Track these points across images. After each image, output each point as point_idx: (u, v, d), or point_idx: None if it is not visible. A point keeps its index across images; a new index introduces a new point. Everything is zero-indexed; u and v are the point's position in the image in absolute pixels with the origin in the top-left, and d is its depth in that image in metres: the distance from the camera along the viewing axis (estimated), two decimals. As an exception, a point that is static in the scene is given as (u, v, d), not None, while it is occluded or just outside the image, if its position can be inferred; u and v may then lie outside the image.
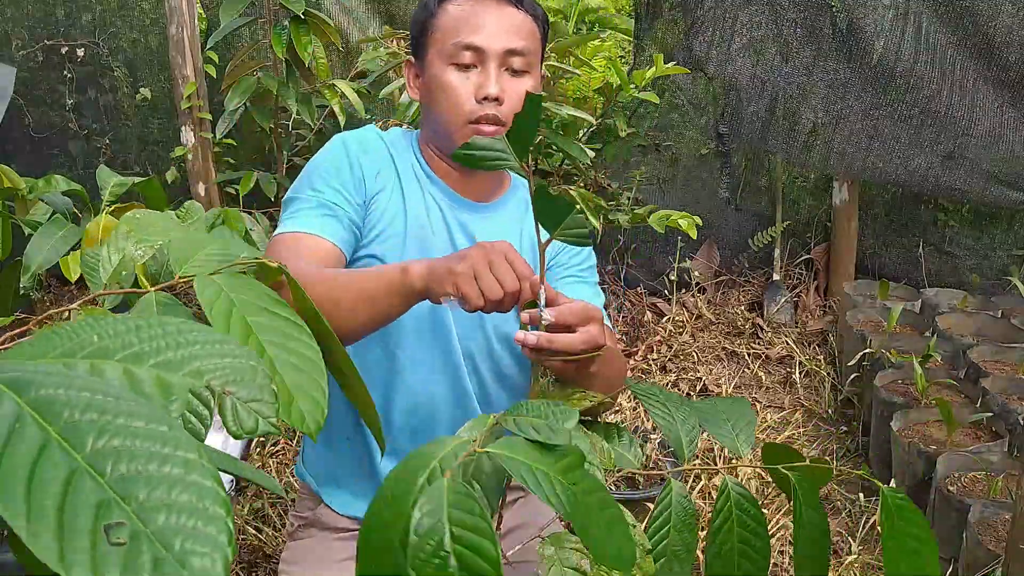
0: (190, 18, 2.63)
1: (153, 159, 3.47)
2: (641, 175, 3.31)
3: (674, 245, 3.44)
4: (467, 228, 1.25)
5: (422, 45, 1.23)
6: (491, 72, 1.17)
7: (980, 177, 2.99)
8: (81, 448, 0.36)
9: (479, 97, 1.17)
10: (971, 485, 2.11)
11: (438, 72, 1.19)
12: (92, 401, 0.39)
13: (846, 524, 2.28)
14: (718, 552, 0.78)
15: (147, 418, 0.39)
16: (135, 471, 0.36)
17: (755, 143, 3.29)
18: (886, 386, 2.55)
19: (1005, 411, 2.30)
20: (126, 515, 0.35)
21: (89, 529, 0.33)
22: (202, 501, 0.37)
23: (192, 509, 0.36)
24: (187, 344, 0.49)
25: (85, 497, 0.34)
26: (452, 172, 1.26)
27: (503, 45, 1.17)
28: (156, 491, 0.36)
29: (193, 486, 0.37)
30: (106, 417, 0.38)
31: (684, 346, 3.20)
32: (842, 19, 3.00)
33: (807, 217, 3.59)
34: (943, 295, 3.13)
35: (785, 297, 3.41)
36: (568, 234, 0.78)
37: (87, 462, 0.36)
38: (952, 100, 2.93)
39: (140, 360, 0.47)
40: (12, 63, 3.34)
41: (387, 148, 1.26)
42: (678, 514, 0.79)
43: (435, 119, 1.22)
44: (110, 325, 0.49)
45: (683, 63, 2.99)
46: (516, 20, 1.20)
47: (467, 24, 1.18)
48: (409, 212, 1.22)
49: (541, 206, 0.75)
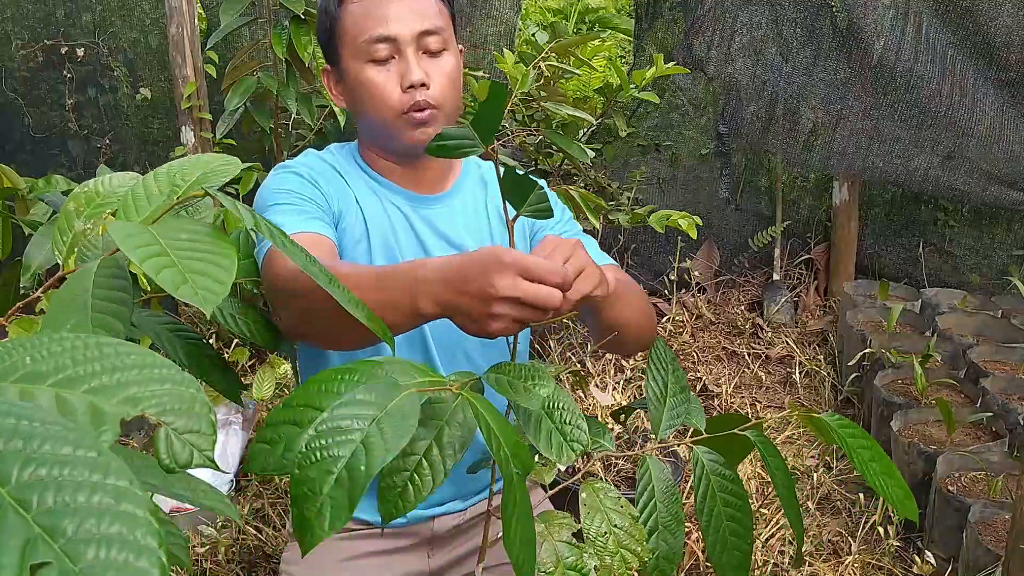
0: (190, 18, 2.63)
1: (153, 159, 3.47)
2: (641, 175, 3.31)
3: (674, 245, 3.43)
4: (432, 223, 1.25)
5: (333, 50, 1.21)
6: (410, 58, 1.16)
7: (980, 177, 2.99)
8: (6, 481, 0.34)
9: (404, 86, 1.15)
10: (971, 485, 2.11)
11: (357, 72, 1.18)
12: (18, 428, 0.37)
13: (846, 524, 2.28)
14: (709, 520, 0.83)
15: (75, 444, 0.37)
16: (63, 503, 0.35)
17: (755, 143, 3.29)
18: (886, 386, 2.55)
19: (1005, 411, 2.30)
20: (53, 553, 0.33)
21: (15, 571, 0.32)
22: (133, 532, 0.35)
23: (123, 541, 0.34)
24: (124, 368, 0.47)
25: (11, 535, 0.33)
26: (398, 169, 1.25)
27: (414, 29, 1.16)
28: (85, 523, 0.34)
29: (123, 516, 0.35)
30: (32, 444, 0.36)
31: (684, 346, 3.20)
32: (842, 19, 3.00)
33: (807, 217, 3.59)
34: (943, 295, 3.13)
35: (785, 297, 3.41)
36: (533, 209, 0.80)
37: (13, 496, 0.34)
38: (952, 100, 2.93)
39: (73, 385, 0.45)
40: (12, 63, 3.34)
41: (334, 169, 1.24)
42: (660, 487, 0.84)
43: (368, 121, 1.21)
44: (44, 346, 0.46)
45: (683, 63, 2.99)
46: (418, 1, 1.18)
47: (372, 18, 1.16)
48: (372, 231, 1.21)
49: (508, 185, 0.78)
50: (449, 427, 0.69)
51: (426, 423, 0.69)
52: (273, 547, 2.12)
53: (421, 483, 0.67)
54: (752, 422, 0.87)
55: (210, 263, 0.58)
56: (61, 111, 3.42)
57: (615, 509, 0.78)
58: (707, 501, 0.83)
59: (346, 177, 1.24)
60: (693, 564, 2.08)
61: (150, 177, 0.73)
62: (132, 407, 0.45)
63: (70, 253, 0.71)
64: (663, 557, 0.80)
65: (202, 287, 0.56)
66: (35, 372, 0.45)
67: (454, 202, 1.28)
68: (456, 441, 0.69)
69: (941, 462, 2.09)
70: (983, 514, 1.92)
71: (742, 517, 0.83)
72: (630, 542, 0.77)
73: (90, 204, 0.74)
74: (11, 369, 0.45)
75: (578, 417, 0.74)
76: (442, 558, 1.32)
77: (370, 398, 0.61)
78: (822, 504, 2.40)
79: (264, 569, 2.08)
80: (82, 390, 0.45)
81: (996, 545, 1.83)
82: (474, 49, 3.21)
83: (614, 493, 0.80)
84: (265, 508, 2.26)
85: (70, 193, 0.75)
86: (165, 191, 0.70)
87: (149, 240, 0.59)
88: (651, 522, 0.81)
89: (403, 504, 0.67)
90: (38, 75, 3.38)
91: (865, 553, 2.12)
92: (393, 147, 1.22)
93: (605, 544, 0.76)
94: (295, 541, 1.35)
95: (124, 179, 0.77)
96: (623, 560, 0.76)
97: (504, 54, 2.51)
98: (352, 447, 0.58)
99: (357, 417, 0.60)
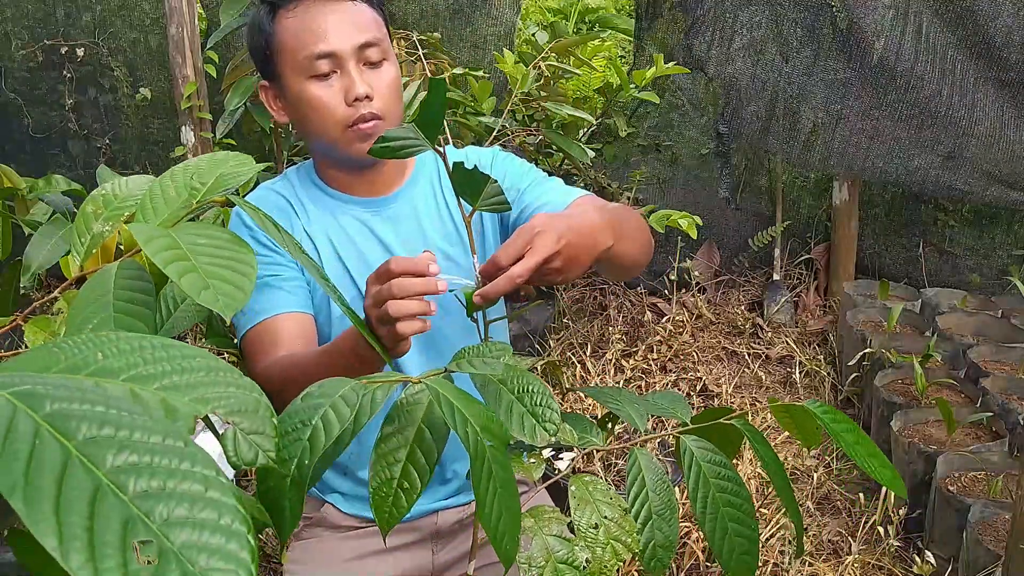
0: (190, 18, 2.63)
1: (153, 159, 3.47)
2: (641, 175, 3.31)
3: (674, 245, 3.43)
4: (395, 223, 1.26)
5: (271, 66, 1.21)
6: (351, 73, 1.16)
7: (981, 177, 2.99)
8: (102, 464, 0.36)
9: (349, 100, 1.16)
10: (971, 485, 2.11)
11: (299, 89, 1.18)
12: (107, 416, 0.38)
13: (846, 524, 2.28)
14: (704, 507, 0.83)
15: (163, 434, 0.39)
16: (156, 488, 0.36)
17: (755, 143, 3.29)
18: (886, 386, 2.55)
19: (1005, 411, 2.30)
20: (151, 532, 0.35)
21: (118, 547, 0.34)
22: (223, 518, 0.37)
23: (214, 526, 0.36)
24: (192, 370, 0.49)
25: (111, 515, 0.35)
26: (353, 179, 1.26)
27: (353, 42, 1.16)
28: (178, 508, 0.36)
29: (213, 503, 0.37)
30: (123, 432, 0.38)
31: (684, 346, 3.20)
32: (842, 19, 3.00)
33: (807, 217, 3.59)
34: (943, 295, 3.13)
35: (785, 297, 3.41)
36: (489, 203, 0.83)
37: (109, 479, 0.36)
38: (952, 100, 2.93)
39: (146, 382, 0.47)
40: (12, 63, 3.34)
41: (284, 199, 1.26)
42: (650, 477, 0.84)
43: (315, 136, 1.21)
44: (114, 343, 0.48)
45: (683, 63, 2.99)
46: (353, 13, 1.18)
47: (310, 32, 1.16)
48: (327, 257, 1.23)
49: (459, 180, 0.80)
50: (427, 429, 0.71)
51: (404, 429, 0.71)
52: (273, 547, 2.12)
53: (410, 486, 0.69)
54: (737, 412, 0.88)
55: (230, 269, 0.60)
56: (61, 111, 3.42)
57: (605, 501, 0.79)
58: (700, 488, 0.83)
59: (297, 207, 1.26)
60: (693, 564, 2.08)
61: (166, 178, 0.73)
62: (203, 406, 0.47)
63: (88, 255, 0.72)
64: (659, 546, 0.80)
65: (223, 293, 0.57)
66: (107, 368, 0.46)
67: (414, 193, 1.29)
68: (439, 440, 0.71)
69: (941, 462, 2.09)
70: (983, 514, 1.92)
71: (741, 502, 0.83)
72: (620, 533, 0.77)
73: (108, 207, 0.75)
74: (83, 363, 0.46)
75: (549, 398, 0.75)
76: (447, 553, 1.32)
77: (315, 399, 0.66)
78: (822, 504, 2.40)
79: (264, 569, 2.08)
80: (154, 387, 0.47)
81: (996, 545, 1.83)
82: (474, 49, 3.21)
83: (603, 485, 0.80)
84: (265, 508, 2.25)
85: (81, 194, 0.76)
86: (183, 194, 0.71)
87: (171, 244, 0.60)
88: (644, 512, 0.81)
89: (396, 511, 0.70)
90: (38, 75, 3.38)
91: (865, 553, 2.12)
92: (342, 159, 1.23)
93: (596, 536, 0.77)
94: (299, 541, 1.35)
95: (141, 182, 0.78)
96: (613, 551, 0.76)
97: (504, 54, 2.51)
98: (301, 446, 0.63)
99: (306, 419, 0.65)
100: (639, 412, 0.90)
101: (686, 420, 0.89)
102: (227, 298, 0.57)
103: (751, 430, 0.87)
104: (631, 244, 1.11)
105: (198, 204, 0.70)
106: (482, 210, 0.83)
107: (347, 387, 0.66)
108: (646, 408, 0.92)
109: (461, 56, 3.14)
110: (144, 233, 0.61)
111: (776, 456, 0.87)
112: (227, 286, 0.58)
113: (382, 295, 0.88)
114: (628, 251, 1.10)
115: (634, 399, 0.93)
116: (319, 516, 1.33)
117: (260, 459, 0.49)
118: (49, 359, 0.46)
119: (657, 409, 0.93)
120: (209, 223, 0.78)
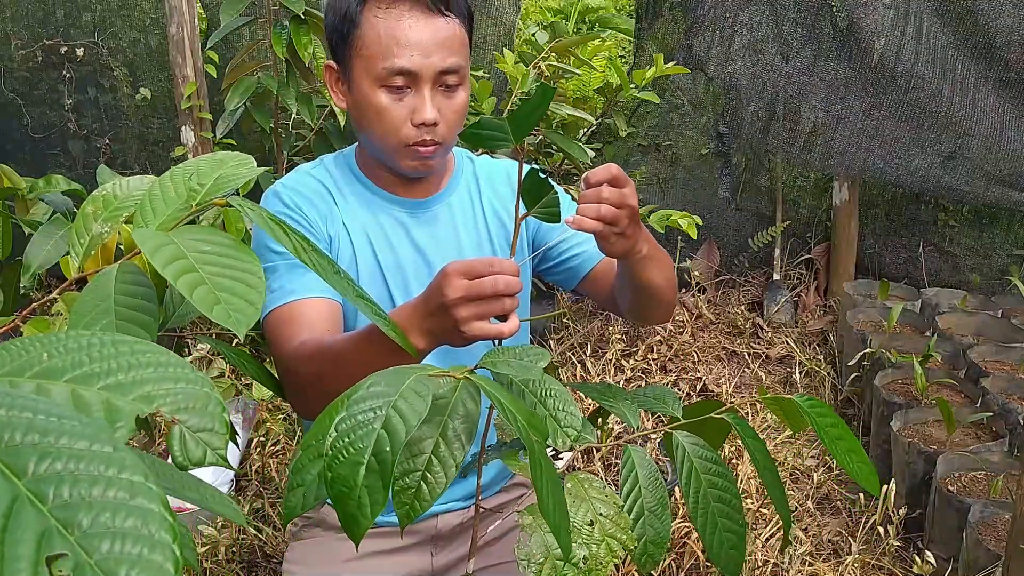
0: (190, 18, 2.63)
1: (153, 159, 3.47)
2: (641, 175, 3.31)
3: (674, 245, 3.43)
4: (431, 229, 1.26)
5: (345, 54, 1.17)
6: (425, 96, 1.13)
7: (981, 177, 2.99)
8: (23, 473, 0.35)
9: (416, 122, 1.14)
10: (971, 485, 2.11)
11: (368, 93, 1.14)
12: (34, 422, 0.37)
13: (846, 524, 2.28)
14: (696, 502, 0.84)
15: (91, 439, 0.37)
16: (78, 497, 0.35)
17: (755, 143, 3.29)
18: (886, 386, 2.55)
19: (1005, 411, 2.30)
20: (69, 545, 0.33)
21: (32, 561, 0.32)
22: (147, 527, 0.35)
23: (137, 535, 0.35)
24: (139, 366, 0.47)
25: (27, 526, 0.33)
26: (395, 178, 1.25)
27: (436, 67, 1.12)
28: (100, 517, 0.35)
29: (138, 511, 0.36)
30: (48, 439, 0.36)
31: (684, 346, 3.20)
32: (842, 19, 3.00)
33: (807, 217, 3.59)
34: (943, 295, 3.13)
35: (785, 297, 3.41)
36: (543, 211, 0.85)
37: (29, 488, 0.34)
38: (953, 100, 2.93)
39: (89, 381, 0.45)
40: (12, 63, 3.34)
41: (323, 186, 1.23)
42: (643, 474, 0.84)
43: (371, 139, 1.20)
44: (61, 342, 0.47)
45: (683, 63, 2.99)
46: (446, 32, 1.13)
47: (396, 43, 1.11)
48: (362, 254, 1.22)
49: (527, 185, 0.82)
50: (452, 420, 0.70)
51: (430, 420, 0.69)
52: (273, 547, 2.12)
53: (434, 480, 0.68)
54: (727, 406, 0.89)
55: (238, 280, 0.59)
56: (61, 111, 3.42)
57: (600, 498, 0.79)
58: (691, 483, 0.84)
59: (336, 195, 1.23)
60: (693, 564, 2.08)
61: (166, 179, 0.72)
62: (147, 404, 0.46)
63: (87, 256, 0.71)
64: (650, 542, 0.81)
65: (235, 309, 0.56)
66: (51, 368, 0.46)
67: (451, 199, 1.29)
68: (463, 433, 0.70)
69: (941, 462, 2.09)
70: (983, 514, 1.92)
71: (730, 498, 0.85)
72: (615, 530, 0.78)
73: (107, 207, 0.74)
74: (27, 365, 0.46)
75: (570, 403, 0.76)
76: (446, 556, 1.32)
77: (380, 388, 0.63)
78: (822, 504, 2.40)
79: (264, 569, 2.08)
80: (98, 387, 0.46)
81: (996, 545, 1.83)
82: (474, 49, 3.21)
83: (599, 483, 0.80)
84: (265, 508, 2.26)
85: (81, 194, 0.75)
86: (182, 195, 0.70)
87: (177, 254, 0.59)
88: (636, 508, 0.82)
89: (419, 504, 0.68)
90: (38, 75, 3.38)
91: (865, 553, 2.12)
92: (391, 166, 1.22)
93: (591, 533, 0.77)
94: (297, 541, 1.35)
95: (140, 183, 0.77)
96: (609, 548, 0.76)
97: (504, 54, 2.51)
98: (375, 435, 0.60)
99: (374, 408, 0.61)
100: (631, 409, 0.90)
101: (676, 415, 0.90)
102: (239, 314, 0.56)
103: (740, 423, 0.88)
104: (659, 268, 1.15)
105: (198, 205, 0.70)
106: (535, 216, 0.86)
107: (412, 378, 0.64)
108: (637, 403, 0.93)
109: (461, 56, 3.14)
110: (148, 240, 0.60)
111: (766, 450, 0.89)
112: (238, 301, 0.57)
113: (484, 288, 0.86)
114: (656, 273, 1.14)
115: (625, 395, 0.94)
116: (318, 516, 1.33)
117: (209, 457, 0.48)
118: None
119: (647, 404, 0.94)
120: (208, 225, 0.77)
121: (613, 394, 0.93)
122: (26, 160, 3.39)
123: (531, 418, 0.67)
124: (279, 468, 2.43)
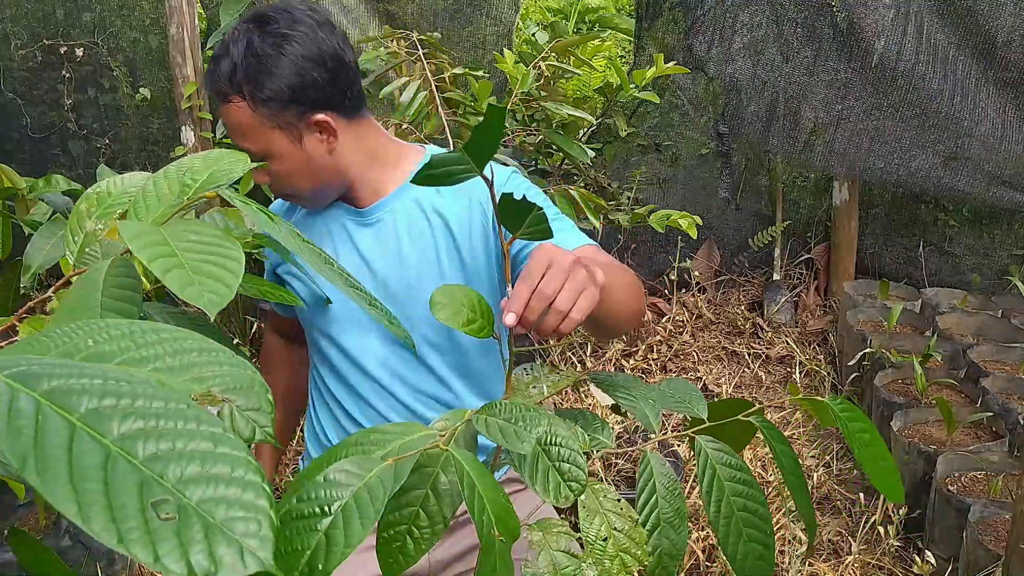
0: (190, 18, 2.63)
1: (153, 159, 3.47)
2: (641, 175, 3.31)
3: (674, 245, 3.43)
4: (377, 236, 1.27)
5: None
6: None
7: (982, 178, 2.99)
8: (108, 433, 0.37)
9: None
10: (971, 485, 2.11)
11: None
12: (106, 387, 0.39)
13: (846, 524, 2.28)
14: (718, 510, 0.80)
15: (166, 398, 0.39)
16: (166, 450, 0.37)
17: (755, 143, 3.29)
18: (886, 386, 2.55)
19: (1005, 411, 2.30)
20: (167, 491, 0.36)
21: (138, 508, 0.34)
22: (236, 470, 0.37)
23: (228, 479, 0.37)
24: (185, 352, 0.49)
25: (125, 479, 0.35)
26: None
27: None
28: (190, 466, 0.37)
29: (224, 457, 0.38)
30: (124, 401, 0.38)
31: (684, 346, 3.20)
32: (842, 19, 3.00)
33: (807, 217, 3.59)
34: (943, 295, 3.13)
35: (785, 297, 3.41)
36: (530, 231, 0.76)
37: (117, 447, 0.36)
38: (954, 100, 2.93)
39: (139, 364, 0.47)
40: (12, 63, 3.34)
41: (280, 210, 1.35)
42: (661, 482, 0.80)
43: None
44: (104, 330, 0.48)
45: (683, 63, 2.99)
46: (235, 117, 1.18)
47: None
48: None
49: (505, 211, 0.74)
50: (444, 473, 0.67)
51: (419, 470, 0.66)
52: (273, 547, 2.12)
53: (420, 535, 0.65)
54: (754, 407, 0.84)
55: (217, 265, 0.59)
56: (61, 111, 3.42)
57: (614, 511, 0.76)
58: (714, 492, 0.79)
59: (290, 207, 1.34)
60: (693, 564, 2.08)
61: (160, 176, 0.73)
62: (199, 385, 0.48)
63: (80, 253, 0.71)
64: (666, 554, 0.78)
65: (209, 290, 0.56)
66: (99, 352, 0.47)
67: (395, 205, 1.27)
68: (453, 487, 0.66)
69: (941, 462, 2.09)
70: (983, 514, 1.92)
71: (756, 507, 0.80)
72: (630, 545, 0.75)
73: (101, 204, 0.74)
74: (75, 349, 0.46)
75: (576, 454, 0.70)
76: (443, 552, 1.32)
77: (343, 478, 0.60)
78: (822, 504, 2.40)
79: (264, 569, 2.08)
80: (148, 369, 0.47)
81: (996, 545, 1.83)
82: (474, 49, 3.21)
83: (613, 495, 0.78)
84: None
85: (81, 194, 0.75)
86: (175, 191, 0.70)
87: (158, 240, 0.59)
88: (653, 519, 0.78)
89: (404, 559, 0.65)
90: (37, 75, 3.38)
91: (865, 553, 2.12)
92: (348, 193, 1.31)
93: (604, 548, 0.74)
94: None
95: (135, 179, 0.77)
96: (622, 564, 0.74)
97: (504, 54, 2.51)
98: (315, 538, 0.58)
99: (329, 501, 0.59)
100: (653, 409, 0.84)
101: (703, 416, 0.85)
102: (212, 294, 0.56)
103: (768, 427, 0.83)
104: (618, 306, 1.06)
105: (190, 200, 0.70)
106: (523, 238, 0.77)
107: (380, 466, 0.59)
108: (660, 400, 0.86)
109: (461, 56, 3.14)
110: (131, 230, 0.60)
111: (793, 454, 0.84)
112: (212, 282, 0.57)
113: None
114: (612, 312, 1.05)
115: (648, 391, 0.87)
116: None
117: (258, 435, 0.49)
118: (39, 348, 0.46)
119: (672, 403, 0.87)
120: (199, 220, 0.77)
121: (634, 391, 0.87)
122: (26, 160, 3.39)
123: (503, 511, 0.62)
124: (278, 468, 2.43)
